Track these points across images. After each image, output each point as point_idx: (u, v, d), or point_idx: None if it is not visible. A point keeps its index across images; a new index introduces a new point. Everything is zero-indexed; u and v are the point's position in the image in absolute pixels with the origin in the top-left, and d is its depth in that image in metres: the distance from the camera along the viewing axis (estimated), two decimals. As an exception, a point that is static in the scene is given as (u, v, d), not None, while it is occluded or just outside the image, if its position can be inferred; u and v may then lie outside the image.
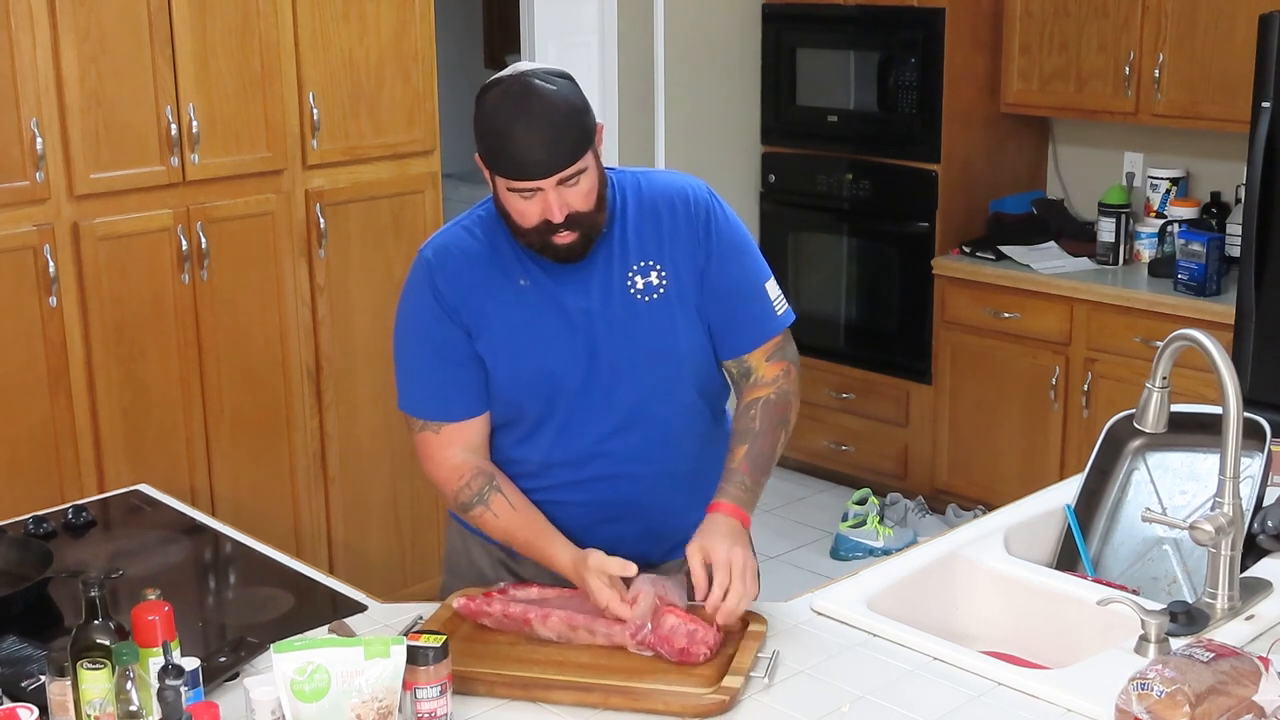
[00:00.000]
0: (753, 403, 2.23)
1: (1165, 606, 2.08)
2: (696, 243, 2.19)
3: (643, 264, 2.18)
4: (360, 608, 2.26)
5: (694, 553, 2.07)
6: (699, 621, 2.02)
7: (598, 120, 2.12)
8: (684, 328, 2.20)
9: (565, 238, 2.09)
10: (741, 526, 2.13)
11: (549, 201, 2.06)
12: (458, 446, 2.22)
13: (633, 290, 2.17)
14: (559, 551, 2.15)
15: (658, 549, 2.28)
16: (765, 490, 2.25)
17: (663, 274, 2.18)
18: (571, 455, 2.23)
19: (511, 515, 2.19)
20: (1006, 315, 4.73)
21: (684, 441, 2.26)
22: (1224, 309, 4.17)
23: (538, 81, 2.04)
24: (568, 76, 2.09)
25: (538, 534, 2.18)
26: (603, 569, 2.06)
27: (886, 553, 4.44)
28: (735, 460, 2.18)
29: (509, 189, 2.07)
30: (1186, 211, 4.68)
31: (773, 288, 2.26)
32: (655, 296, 2.18)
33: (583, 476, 2.24)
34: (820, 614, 2.18)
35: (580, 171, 2.06)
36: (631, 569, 2.06)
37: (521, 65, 2.11)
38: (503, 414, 2.24)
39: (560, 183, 2.05)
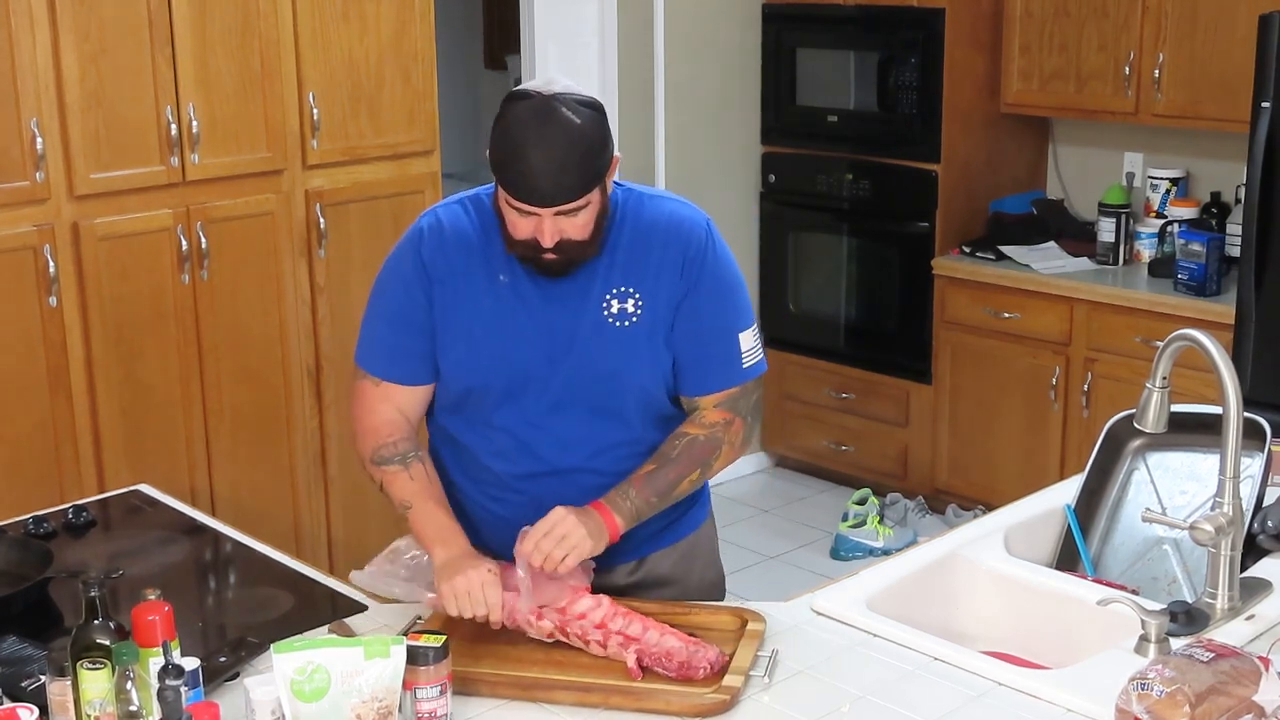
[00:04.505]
0: (682, 435, 2.23)
1: (1165, 606, 2.08)
2: (680, 275, 2.18)
3: (623, 289, 2.17)
4: (360, 608, 2.26)
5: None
6: (700, 642, 2.03)
7: (616, 153, 2.12)
8: (646, 360, 2.20)
9: (549, 258, 2.10)
10: (599, 519, 2.12)
11: (543, 227, 2.06)
12: (392, 404, 2.28)
13: (606, 313, 2.17)
14: (436, 550, 2.15)
15: (601, 558, 2.21)
16: (765, 490, 2.26)
17: (640, 303, 2.18)
18: (510, 455, 2.23)
19: (425, 485, 2.22)
20: (1006, 315, 4.73)
21: (626, 463, 2.23)
22: (1224, 309, 4.17)
23: (564, 110, 2.02)
24: (596, 107, 2.07)
25: (431, 517, 2.19)
26: (470, 589, 2.05)
27: (886, 553, 4.44)
28: (636, 474, 2.19)
29: (507, 202, 2.08)
30: (1186, 211, 4.68)
31: (747, 338, 2.23)
32: (627, 324, 2.17)
33: (519, 475, 2.24)
34: (820, 614, 2.18)
35: (581, 206, 2.06)
36: (495, 606, 2.06)
37: (556, 84, 2.08)
38: (449, 397, 2.27)
39: (559, 213, 2.05)
